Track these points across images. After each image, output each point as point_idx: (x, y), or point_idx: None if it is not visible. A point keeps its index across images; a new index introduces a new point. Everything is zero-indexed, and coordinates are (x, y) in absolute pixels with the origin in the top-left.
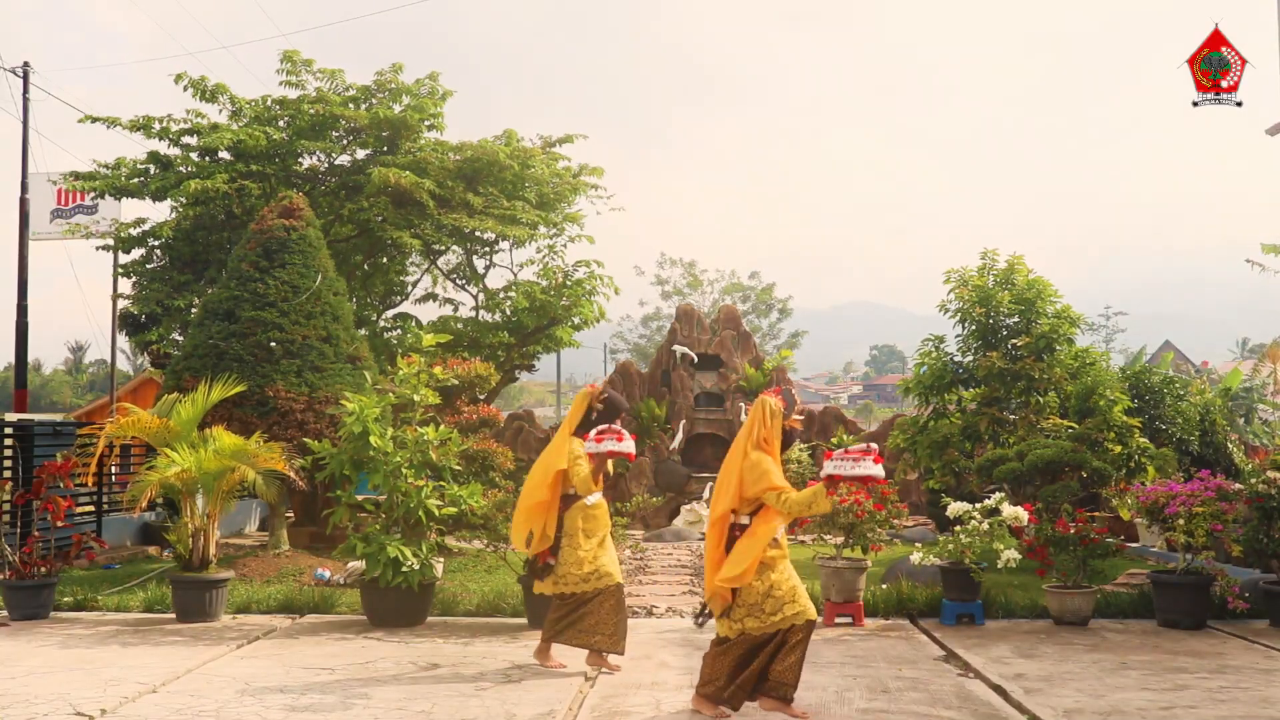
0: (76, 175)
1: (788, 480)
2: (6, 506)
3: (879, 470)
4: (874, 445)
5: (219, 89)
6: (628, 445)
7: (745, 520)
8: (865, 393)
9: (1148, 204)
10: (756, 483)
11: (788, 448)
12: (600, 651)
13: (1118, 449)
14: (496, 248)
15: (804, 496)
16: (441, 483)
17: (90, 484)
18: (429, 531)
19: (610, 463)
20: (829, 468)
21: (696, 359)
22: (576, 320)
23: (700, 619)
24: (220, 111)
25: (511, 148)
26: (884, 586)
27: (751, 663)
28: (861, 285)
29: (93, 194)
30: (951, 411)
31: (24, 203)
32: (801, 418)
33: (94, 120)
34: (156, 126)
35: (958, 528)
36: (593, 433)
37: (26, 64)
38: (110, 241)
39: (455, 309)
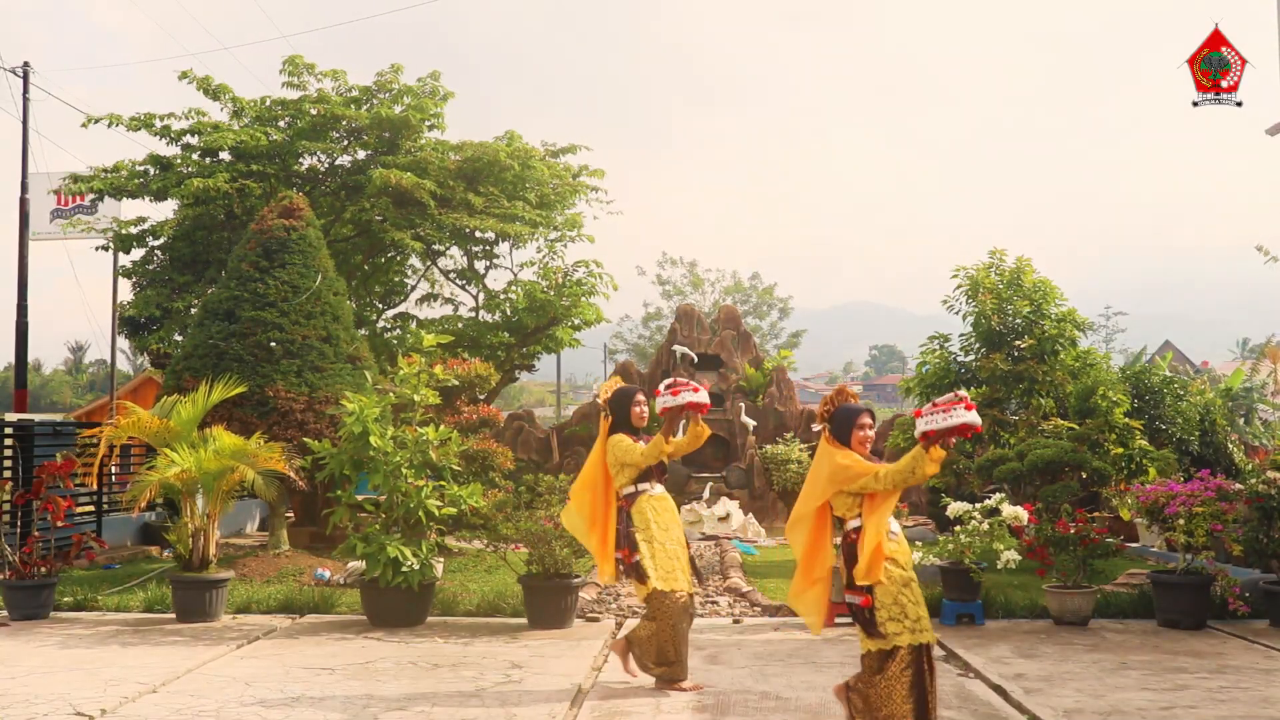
0: (75, 178)
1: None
2: (6, 506)
3: (974, 417)
4: (963, 392)
5: (221, 89)
6: (703, 395)
7: (857, 523)
8: (865, 393)
9: (1148, 204)
10: (851, 478)
11: (851, 426)
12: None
13: (1118, 450)
14: (496, 248)
15: (902, 465)
16: (441, 483)
17: (91, 484)
18: (429, 531)
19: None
20: (921, 425)
21: (696, 359)
22: (576, 320)
23: (862, 631)
24: (221, 110)
25: (513, 148)
26: None
27: (923, 684)
28: (861, 285)
29: (92, 195)
30: None
31: (24, 203)
32: (839, 391)
33: (95, 121)
34: (158, 124)
35: (958, 528)
36: (662, 386)
37: (26, 64)
38: (109, 243)
39: (455, 309)
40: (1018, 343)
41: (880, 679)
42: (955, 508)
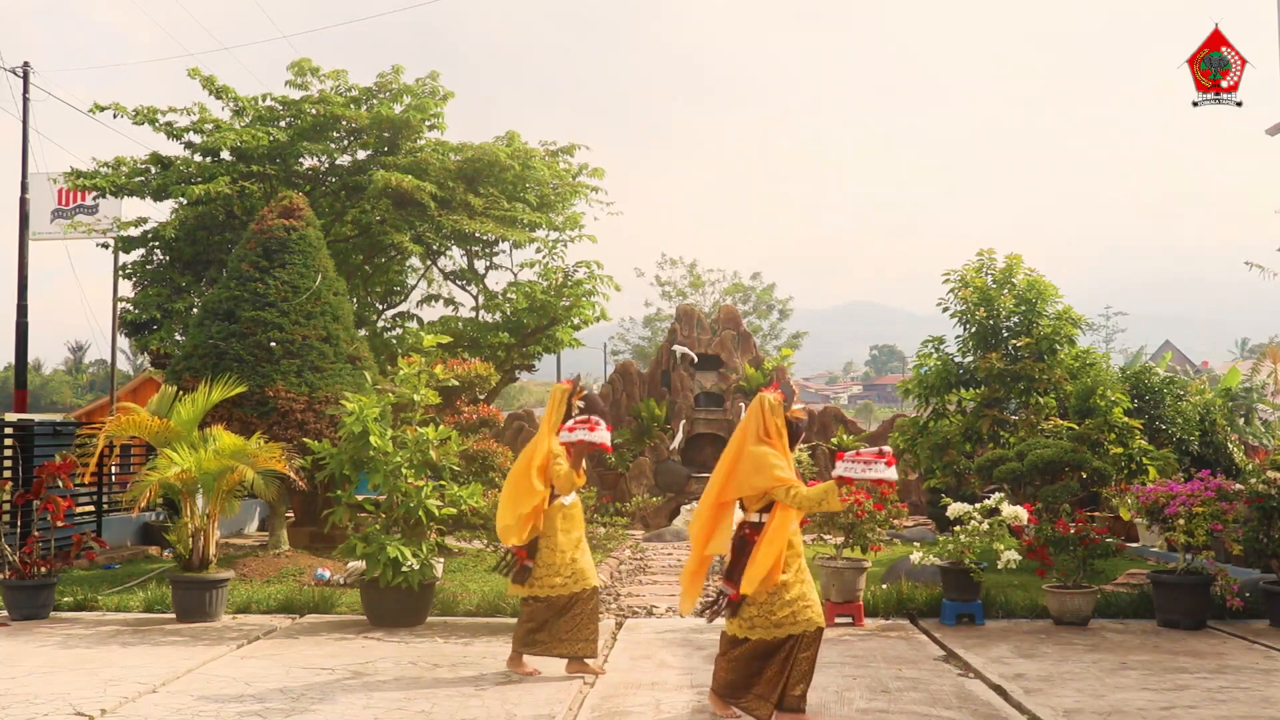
0: (78, 174)
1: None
2: (6, 506)
3: (891, 474)
4: (887, 449)
5: (225, 90)
6: (600, 435)
7: (756, 518)
8: (865, 393)
9: (1148, 204)
10: (761, 475)
11: (795, 442)
12: (582, 658)
13: (1118, 450)
14: (497, 248)
15: (814, 493)
16: (441, 483)
17: (90, 483)
18: (429, 531)
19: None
20: (840, 469)
21: (696, 359)
22: (576, 320)
23: (710, 613)
24: (223, 109)
25: (513, 148)
26: (884, 586)
27: (765, 669)
28: (861, 285)
29: (94, 193)
30: (952, 412)
31: (24, 203)
32: (802, 407)
33: (102, 109)
34: (161, 120)
35: (958, 528)
36: (567, 423)
37: (26, 64)
38: (110, 241)
39: (455, 309)
40: (1014, 342)
41: (723, 660)
42: (955, 508)
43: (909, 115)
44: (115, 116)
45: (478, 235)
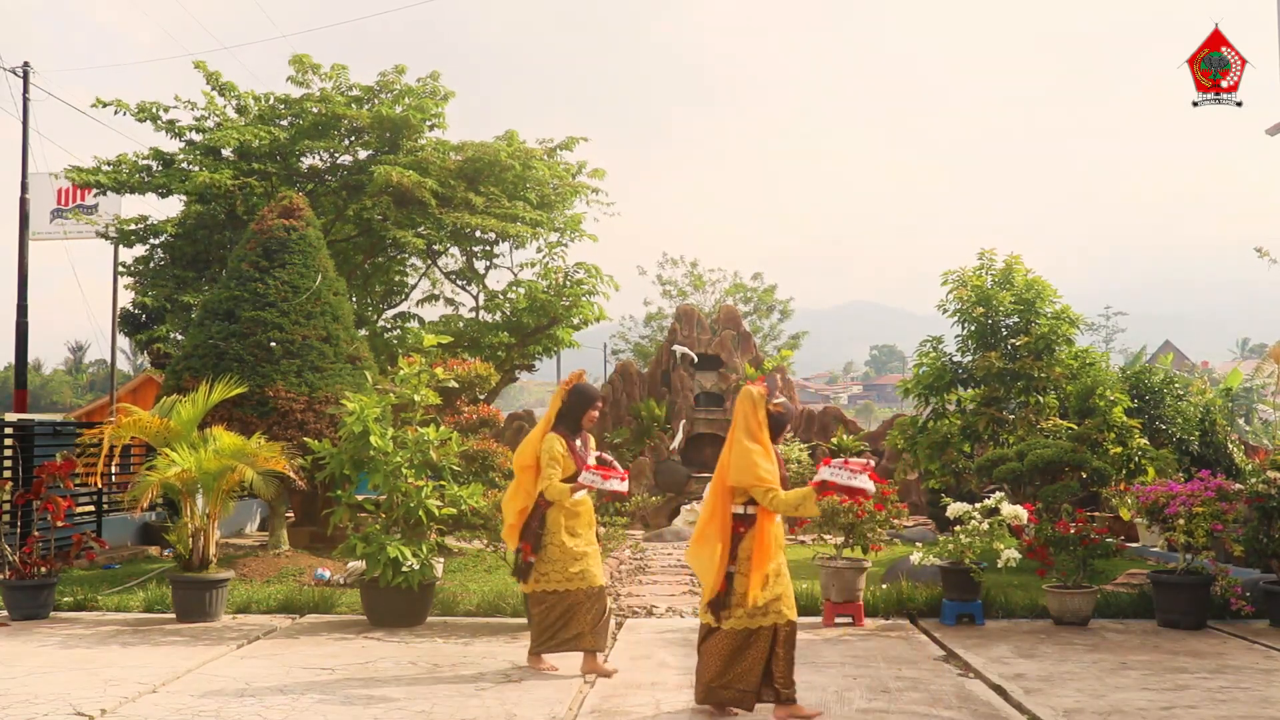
0: (79, 170)
1: (788, 478)
2: (6, 506)
3: (870, 486)
4: (873, 461)
5: (228, 87)
6: (623, 488)
7: (741, 509)
8: (865, 393)
9: (1148, 204)
10: (743, 473)
11: (779, 435)
12: (591, 651)
13: (1118, 449)
14: (497, 248)
15: (791, 498)
16: (441, 483)
17: (93, 483)
18: (429, 531)
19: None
20: (824, 473)
21: (696, 359)
22: (577, 320)
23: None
24: (226, 107)
25: (513, 148)
26: (884, 586)
27: (744, 658)
28: (861, 285)
29: (95, 191)
30: (951, 412)
31: (24, 203)
32: (781, 400)
33: (104, 105)
34: (164, 116)
35: (958, 528)
36: (591, 459)
37: (26, 64)
38: (111, 234)
39: (455, 309)
40: (1013, 340)
41: (703, 648)
42: (955, 508)
43: (909, 115)
44: (117, 113)
45: (478, 234)
